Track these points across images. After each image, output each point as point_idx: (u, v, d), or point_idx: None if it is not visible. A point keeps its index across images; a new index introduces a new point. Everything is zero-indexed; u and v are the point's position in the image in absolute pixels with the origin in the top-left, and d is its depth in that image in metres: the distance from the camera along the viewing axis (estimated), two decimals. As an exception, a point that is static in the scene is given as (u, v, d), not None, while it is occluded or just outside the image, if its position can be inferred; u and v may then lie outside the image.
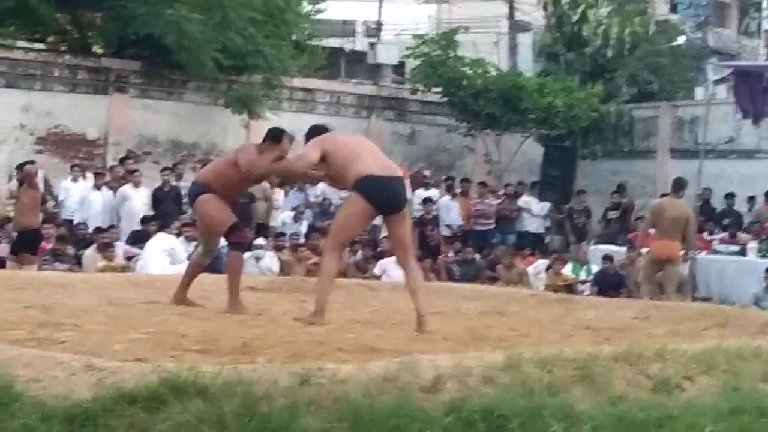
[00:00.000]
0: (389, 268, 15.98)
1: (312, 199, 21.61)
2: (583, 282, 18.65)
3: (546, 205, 23.04)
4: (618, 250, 19.21)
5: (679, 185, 15.66)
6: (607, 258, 18.42)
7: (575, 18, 26.41)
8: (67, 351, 6.41)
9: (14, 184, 20.11)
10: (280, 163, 9.54)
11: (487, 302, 11.28)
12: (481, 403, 5.79)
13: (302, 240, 18.93)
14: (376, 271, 17.04)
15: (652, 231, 15.65)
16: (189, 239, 16.30)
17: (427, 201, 21.26)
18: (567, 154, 24.28)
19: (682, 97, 28.67)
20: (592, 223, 23.17)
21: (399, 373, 5.98)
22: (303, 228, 20.40)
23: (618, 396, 6.22)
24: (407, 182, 19.13)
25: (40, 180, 19.91)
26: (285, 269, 17.08)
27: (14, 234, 16.30)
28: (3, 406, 5.42)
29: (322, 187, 19.96)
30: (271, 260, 17.14)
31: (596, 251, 19.96)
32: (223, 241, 10.26)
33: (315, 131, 9.48)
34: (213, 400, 5.48)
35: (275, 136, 9.65)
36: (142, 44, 22.47)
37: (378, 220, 11.12)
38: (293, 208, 20.84)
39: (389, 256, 16.61)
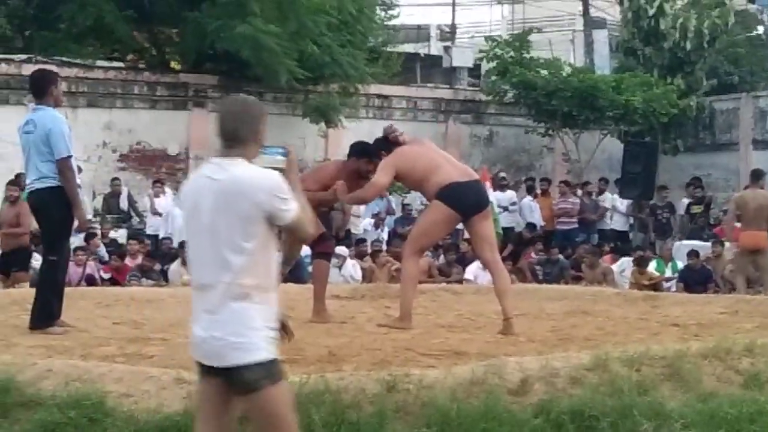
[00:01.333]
0: (480, 274, 15.87)
1: (393, 206, 21.65)
2: (669, 279, 18.44)
3: (627, 203, 22.83)
4: (703, 245, 18.97)
5: (757, 175, 15.61)
6: (693, 253, 18.19)
7: (652, 12, 26.11)
8: (156, 365, 6.50)
9: (98, 201, 20.44)
10: (353, 195, 9.49)
11: (571, 302, 11.21)
12: (570, 404, 5.77)
13: (384, 247, 18.95)
14: (468, 276, 16.95)
15: (737, 224, 15.47)
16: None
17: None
18: (648, 150, 23.96)
19: (763, 87, 28.21)
20: (675, 219, 22.89)
21: (486, 376, 5.98)
22: (384, 234, 20.44)
23: (708, 393, 6.16)
24: (488, 184, 19.25)
25: (123, 197, 20.21)
26: (367, 276, 17.11)
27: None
28: (96, 421, 5.50)
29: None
30: (353, 268, 17.18)
31: (681, 247, 19.72)
32: (305, 251, 10.29)
33: (358, 149, 9.57)
34: (301, 409, 5.51)
35: (359, 151, 9.61)
36: (219, 58, 22.67)
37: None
38: (374, 215, 20.87)
39: (472, 259, 16.58)
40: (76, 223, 8.81)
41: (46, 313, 8.46)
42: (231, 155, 4.74)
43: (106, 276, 16.66)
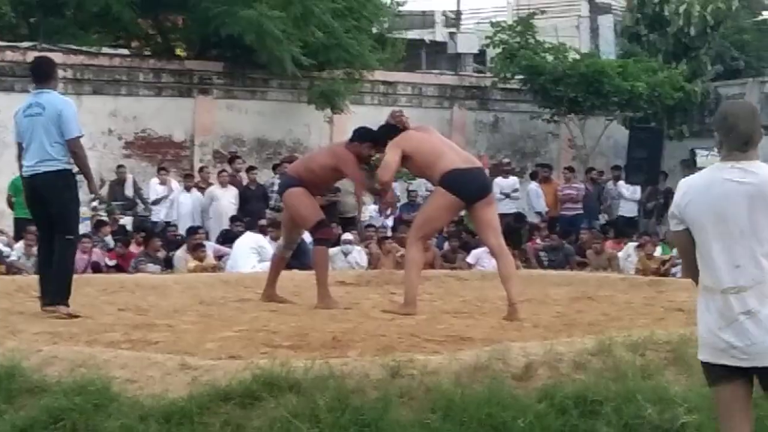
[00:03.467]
0: (482, 257, 15.91)
1: (398, 192, 21.63)
2: (675, 264, 18.41)
3: (637, 189, 22.80)
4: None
5: None
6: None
7: (657, -1, 26.08)
8: (161, 351, 6.52)
9: (105, 190, 20.44)
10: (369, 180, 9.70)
11: (576, 288, 11.23)
12: (574, 389, 5.78)
13: (389, 233, 18.95)
14: (470, 260, 16.97)
15: None
16: (274, 239, 16.40)
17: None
18: (653, 136, 23.95)
19: (770, 72, 28.18)
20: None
21: (490, 361, 5.99)
22: (389, 221, 20.43)
23: (712, 377, 6.16)
24: (487, 172, 19.23)
25: (129, 184, 20.24)
26: (373, 263, 17.11)
27: None
28: (101, 407, 5.52)
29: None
30: (359, 254, 17.18)
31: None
32: (308, 236, 10.32)
33: (361, 133, 9.70)
34: (306, 394, 5.54)
35: (362, 135, 9.71)
36: (224, 45, 22.63)
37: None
38: (376, 201, 20.84)
39: (475, 246, 16.59)
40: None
41: (63, 290, 8.68)
42: (747, 158, 4.79)
43: (112, 263, 16.68)
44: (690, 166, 23.01)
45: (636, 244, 18.65)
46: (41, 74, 9.06)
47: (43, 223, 9.09)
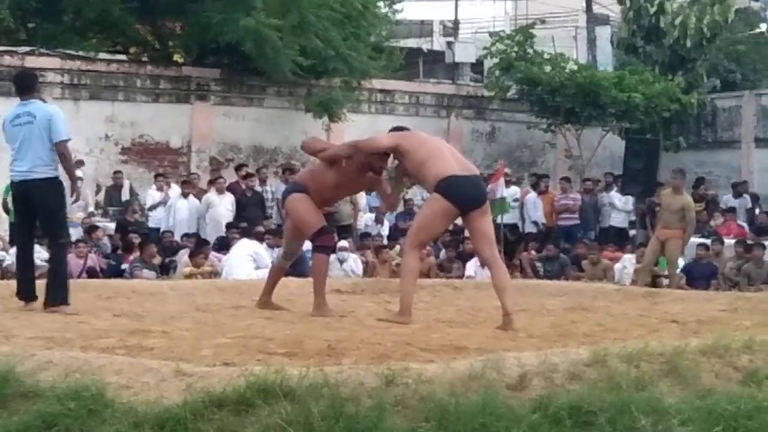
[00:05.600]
0: (479, 270, 15.89)
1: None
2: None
3: (630, 200, 22.82)
4: (703, 243, 18.96)
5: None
6: (702, 246, 18.18)
7: (653, 10, 26.12)
8: (156, 357, 6.51)
9: (101, 195, 20.47)
10: (345, 144, 9.82)
11: (572, 298, 11.23)
12: (568, 400, 5.78)
13: (385, 242, 18.97)
14: (469, 272, 16.95)
15: None
16: (271, 246, 16.41)
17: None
18: (650, 147, 23.97)
19: (766, 85, 28.23)
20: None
21: (484, 371, 5.99)
22: (384, 230, 20.45)
23: (706, 389, 6.18)
24: (502, 180, 19.27)
25: (125, 189, 20.23)
26: (369, 271, 17.13)
27: None
28: (95, 413, 5.52)
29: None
30: (355, 262, 17.20)
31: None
32: (307, 245, 10.31)
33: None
34: (300, 402, 5.54)
35: None
36: (221, 52, 22.68)
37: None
38: (372, 208, 20.87)
39: (471, 255, 16.58)
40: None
41: (64, 291, 9.18)
42: None
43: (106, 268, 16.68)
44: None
45: (632, 255, 18.66)
46: (25, 86, 9.53)
47: (26, 225, 9.58)
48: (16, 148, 9.27)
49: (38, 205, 9.25)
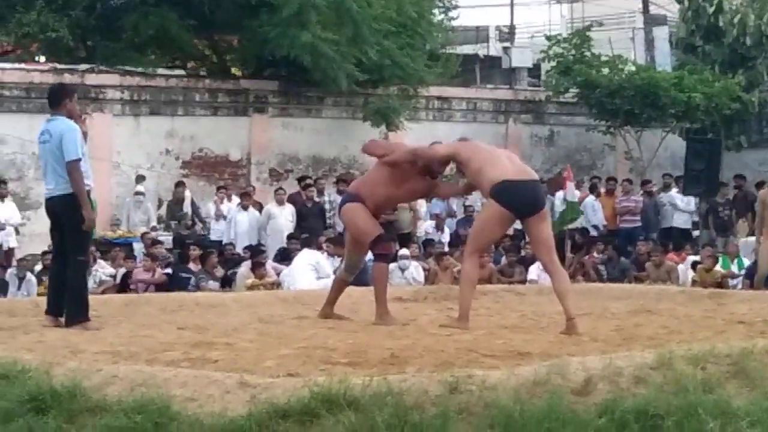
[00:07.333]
0: (542, 274, 15.81)
1: (455, 207, 21.62)
2: (735, 276, 18.22)
3: (692, 200, 22.62)
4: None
5: None
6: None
7: (711, 9, 25.91)
8: (220, 369, 6.54)
9: (163, 209, 20.65)
10: (405, 151, 9.78)
11: (635, 301, 11.13)
12: (634, 404, 5.73)
13: (446, 248, 18.94)
14: (531, 276, 16.89)
15: None
16: (330, 255, 16.45)
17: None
18: (711, 147, 23.76)
19: (828, 81, 27.87)
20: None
21: (549, 376, 5.95)
22: (445, 237, 20.42)
23: (775, 390, 6.10)
24: (571, 185, 19.21)
25: (187, 203, 20.38)
26: (430, 278, 17.11)
27: None
28: (161, 426, 5.55)
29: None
30: (416, 270, 17.20)
31: (747, 244, 19.49)
32: (368, 255, 10.30)
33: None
34: (364, 411, 5.53)
35: None
36: (279, 64, 22.80)
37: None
38: (434, 215, 20.86)
39: (534, 260, 16.51)
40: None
41: (84, 308, 9.20)
42: None
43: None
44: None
45: (696, 257, 18.49)
46: (53, 100, 9.47)
47: (57, 241, 9.59)
48: (43, 166, 9.48)
49: (62, 222, 9.34)
